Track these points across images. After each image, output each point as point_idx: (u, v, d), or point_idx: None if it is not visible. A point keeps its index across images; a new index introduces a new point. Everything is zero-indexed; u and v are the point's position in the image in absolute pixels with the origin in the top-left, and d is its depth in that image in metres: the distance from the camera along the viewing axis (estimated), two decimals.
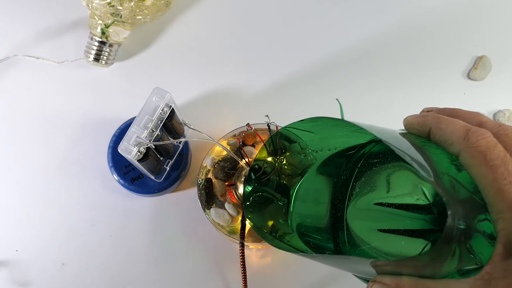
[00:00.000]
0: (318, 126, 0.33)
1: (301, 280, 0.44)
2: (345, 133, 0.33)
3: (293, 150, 0.36)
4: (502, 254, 0.22)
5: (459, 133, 0.24)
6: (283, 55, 0.49)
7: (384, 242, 0.31)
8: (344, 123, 0.31)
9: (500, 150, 0.23)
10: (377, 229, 0.31)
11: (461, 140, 0.24)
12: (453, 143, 0.24)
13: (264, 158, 0.36)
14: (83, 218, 0.44)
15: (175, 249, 0.44)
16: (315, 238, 0.35)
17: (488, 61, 0.50)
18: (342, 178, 0.34)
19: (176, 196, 0.45)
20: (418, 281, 0.24)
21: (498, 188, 0.22)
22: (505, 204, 0.22)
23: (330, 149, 0.35)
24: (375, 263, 0.26)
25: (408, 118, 0.28)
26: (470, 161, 0.23)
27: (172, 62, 0.48)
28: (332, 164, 0.35)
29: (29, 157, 0.45)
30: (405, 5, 0.51)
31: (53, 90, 0.47)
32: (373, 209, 0.32)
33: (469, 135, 0.24)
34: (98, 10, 0.43)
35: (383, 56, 0.50)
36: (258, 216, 0.35)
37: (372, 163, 0.33)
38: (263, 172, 0.36)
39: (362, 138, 0.33)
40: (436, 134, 0.26)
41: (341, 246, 0.33)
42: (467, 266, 0.23)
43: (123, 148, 0.37)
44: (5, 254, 0.43)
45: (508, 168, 0.22)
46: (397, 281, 0.25)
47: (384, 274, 0.26)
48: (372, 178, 0.33)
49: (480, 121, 0.26)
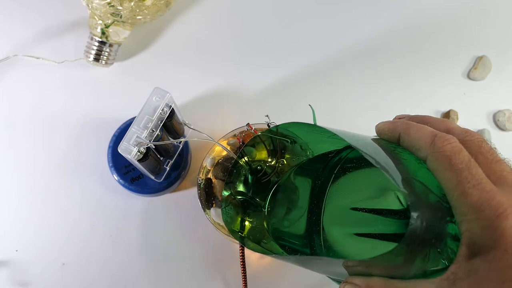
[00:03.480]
0: (296, 131, 0.34)
1: (301, 280, 0.44)
2: (321, 139, 0.34)
3: (294, 152, 0.36)
4: (466, 254, 0.23)
5: (426, 139, 0.25)
6: (283, 55, 0.49)
7: (359, 246, 0.31)
8: (318, 129, 0.31)
9: (464, 155, 0.24)
10: (353, 233, 0.32)
11: (427, 146, 0.25)
12: (421, 148, 0.25)
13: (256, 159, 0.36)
14: (83, 218, 0.44)
15: (175, 249, 0.44)
16: (291, 242, 0.35)
17: (488, 61, 0.50)
18: (318, 183, 0.35)
19: (176, 196, 0.45)
20: (387, 282, 0.25)
21: (462, 191, 0.23)
22: (469, 207, 0.23)
23: (307, 154, 0.35)
24: (347, 264, 0.27)
25: (380, 125, 0.29)
26: (436, 165, 0.24)
27: (172, 62, 0.48)
28: (309, 169, 0.36)
29: (29, 157, 0.45)
30: (405, 6, 0.51)
31: (53, 90, 0.47)
32: (348, 214, 0.32)
33: (435, 141, 0.25)
34: (98, 10, 0.43)
35: (383, 56, 0.50)
36: (234, 219, 0.36)
37: (347, 169, 0.34)
38: (263, 173, 0.36)
39: (338, 144, 0.34)
40: (404, 139, 0.27)
41: (317, 249, 0.34)
42: (436, 267, 0.24)
43: (123, 148, 0.37)
44: (5, 254, 0.43)
45: (471, 172, 0.23)
46: (367, 281, 0.26)
47: (355, 276, 0.27)
48: (348, 183, 0.33)
49: (448, 128, 0.27)
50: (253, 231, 0.36)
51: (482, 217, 0.22)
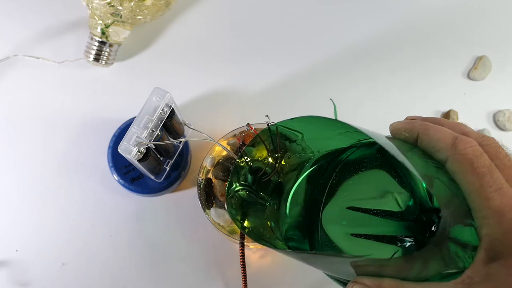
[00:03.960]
0: (306, 126, 0.33)
1: (301, 280, 0.44)
2: (331, 136, 0.33)
3: (293, 150, 0.36)
4: (484, 259, 0.22)
5: (447, 141, 0.25)
6: (283, 55, 0.49)
7: (354, 248, 0.31)
8: (336, 124, 0.31)
9: (486, 159, 0.24)
10: (349, 233, 0.32)
11: (449, 147, 0.25)
12: (441, 150, 0.25)
13: (258, 158, 0.36)
14: (83, 218, 0.44)
15: (175, 249, 0.44)
16: (293, 239, 0.35)
17: (488, 61, 0.50)
18: (320, 182, 0.35)
19: (176, 196, 0.45)
20: (399, 284, 0.25)
21: (484, 195, 0.23)
22: (490, 211, 0.23)
23: (313, 152, 0.35)
24: (356, 263, 0.26)
25: (395, 124, 0.29)
26: (457, 167, 0.24)
27: (172, 62, 0.48)
28: (314, 168, 0.36)
29: (29, 157, 0.45)
30: (405, 6, 0.51)
31: (53, 90, 0.47)
32: (345, 213, 0.32)
33: (457, 143, 0.25)
34: (98, 10, 0.43)
35: (383, 56, 0.50)
36: (238, 212, 0.35)
37: (349, 168, 0.33)
38: (263, 173, 0.36)
39: (345, 142, 0.33)
40: (424, 140, 0.26)
41: (317, 247, 0.33)
42: (450, 270, 0.24)
43: (123, 148, 0.37)
44: (5, 254, 0.43)
45: (493, 176, 0.23)
46: (378, 282, 0.25)
47: (365, 276, 0.26)
48: (348, 182, 0.33)
49: (464, 131, 0.26)
50: (257, 224, 0.36)
51: (503, 222, 0.22)
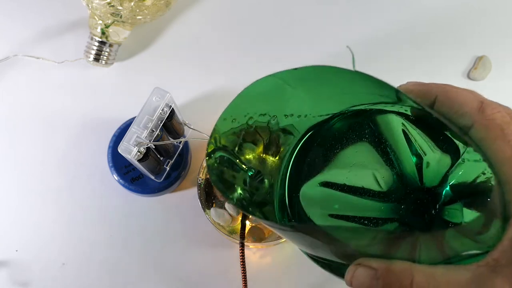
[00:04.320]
0: (304, 79, 0.29)
1: (301, 280, 0.44)
2: (328, 95, 0.29)
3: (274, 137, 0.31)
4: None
5: (472, 105, 0.22)
6: (283, 55, 0.49)
7: (336, 230, 0.27)
8: (354, 75, 0.27)
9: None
10: (327, 214, 0.28)
11: (475, 112, 0.22)
12: (465, 114, 0.23)
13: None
14: (83, 218, 0.44)
15: (175, 249, 0.44)
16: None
17: (488, 61, 0.50)
18: (303, 158, 0.31)
19: (176, 196, 0.45)
20: (412, 266, 0.21)
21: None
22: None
23: (300, 115, 0.30)
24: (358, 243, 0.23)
25: (407, 85, 0.26)
26: (485, 133, 0.22)
27: (172, 62, 0.48)
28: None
29: (29, 157, 0.45)
30: (405, 6, 0.51)
31: (53, 90, 0.47)
32: (321, 191, 0.28)
33: (484, 107, 0.22)
34: (98, 10, 0.43)
35: (383, 56, 0.50)
36: (223, 181, 0.31)
37: (330, 141, 0.30)
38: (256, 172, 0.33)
39: (337, 107, 0.29)
40: (444, 103, 0.24)
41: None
42: (470, 251, 0.21)
43: (123, 148, 0.37)
44: (5, 254, 0.43)
45: None
46: (387, 265, 0.21)
47: (370, 257, 0.22)
48: (326, 156, 0.29)
49: (478, 99, 0.24)
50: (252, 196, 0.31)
51: None
